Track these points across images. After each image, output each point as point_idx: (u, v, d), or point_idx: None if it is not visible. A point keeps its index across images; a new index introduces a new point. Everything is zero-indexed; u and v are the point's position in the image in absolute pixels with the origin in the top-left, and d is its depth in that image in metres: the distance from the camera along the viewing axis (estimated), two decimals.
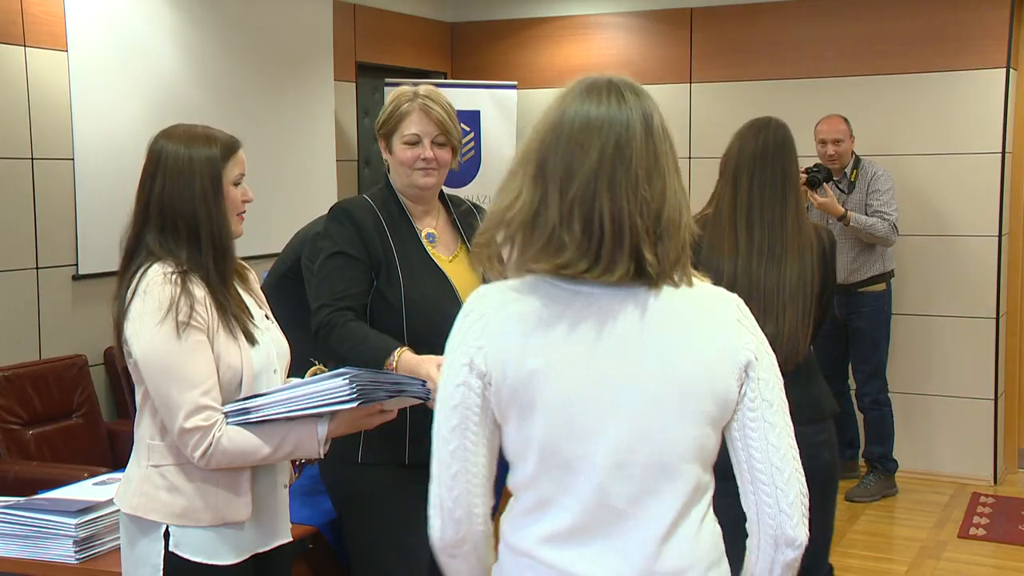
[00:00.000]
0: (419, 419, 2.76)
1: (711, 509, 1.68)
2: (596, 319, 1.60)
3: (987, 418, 6.22)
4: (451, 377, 1.64)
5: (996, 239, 6.18)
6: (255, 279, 2.54)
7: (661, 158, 1.61)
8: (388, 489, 2.80)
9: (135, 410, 2.39)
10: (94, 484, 2.91)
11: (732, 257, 2.98)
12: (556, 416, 1.59)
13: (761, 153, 3.04)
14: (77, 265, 4.94)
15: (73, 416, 4.75)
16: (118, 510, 2.73)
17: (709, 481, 1.67)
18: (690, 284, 1.65)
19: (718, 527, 1.70)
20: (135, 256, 2.32)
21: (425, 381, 2.46)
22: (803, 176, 5.68)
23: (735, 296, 1.71)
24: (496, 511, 1.75)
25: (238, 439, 2.25)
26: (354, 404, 2.25)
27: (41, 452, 4.53)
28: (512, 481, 1.68)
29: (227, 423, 2.26)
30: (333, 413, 2.30)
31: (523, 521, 1.65)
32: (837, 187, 5.78)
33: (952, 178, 6.24)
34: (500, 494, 1.82)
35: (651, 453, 1.60)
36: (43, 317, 4.84)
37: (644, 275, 1.59)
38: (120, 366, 2.35)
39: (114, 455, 4.75)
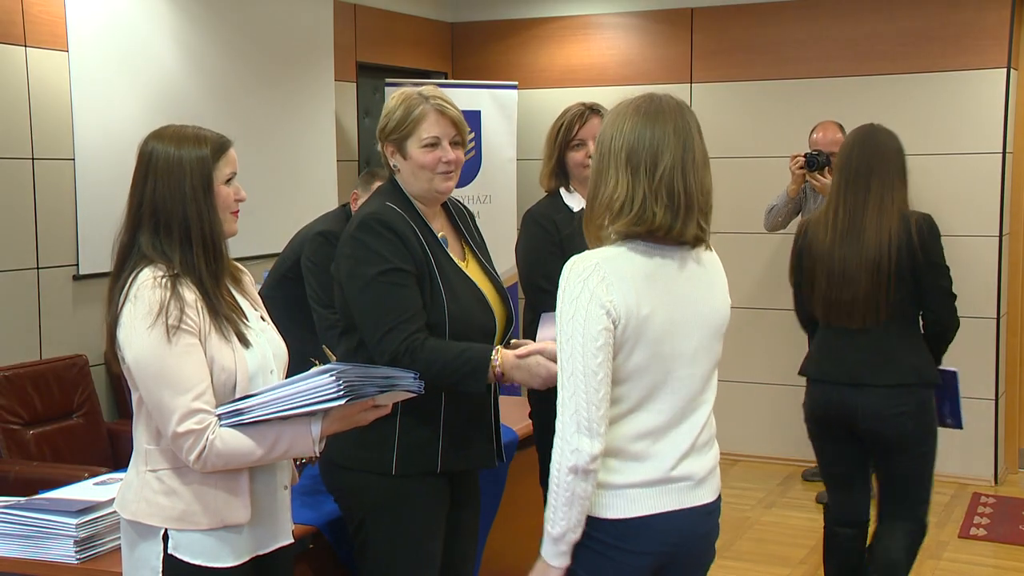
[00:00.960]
0: (451, 428, 2.75)
1: None
2: (673, 271, 2.25)
3: (988, 418, 6.22)
4: (594, 324, 2.15)
5: (997, 239, 6.17)
6: (250, 281, 2.53)
7: (706, 156, 2.27)
8: (418, 498, 2.77)
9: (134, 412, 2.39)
10: (95, 484, 2.91)
11: (824, 237, 3.69)
12: (657, 345, 2.21)
13: (850, 152, 3.72)
14: (78, 265, 4.94)
15: (74, 416, 4.75)
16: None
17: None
18: (709, 249, 2.33)
19: None
20: (128, 259, 2.32)
21: (418, 374, 2.42)
22: (802, 159, 5.72)
23: None
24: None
25: (232, 441, 2.24)
26: (342, 401, 2.23)
27: (42, 452, 4.53)
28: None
29: (220, 425, 2.25)
30: (326, 411, 2.29)
31: (611, 428, 2.20)
32: None
33: (953, 178, 6.23)
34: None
35: (706, 364, 2.30)
36: (44, 317, 4.84)
37: (701, 235, 2.26)
38: (115, 370, 2.36)
39: (115, 455, 4.74)
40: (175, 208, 2.29)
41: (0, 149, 4.67)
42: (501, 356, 2.60)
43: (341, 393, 2.22)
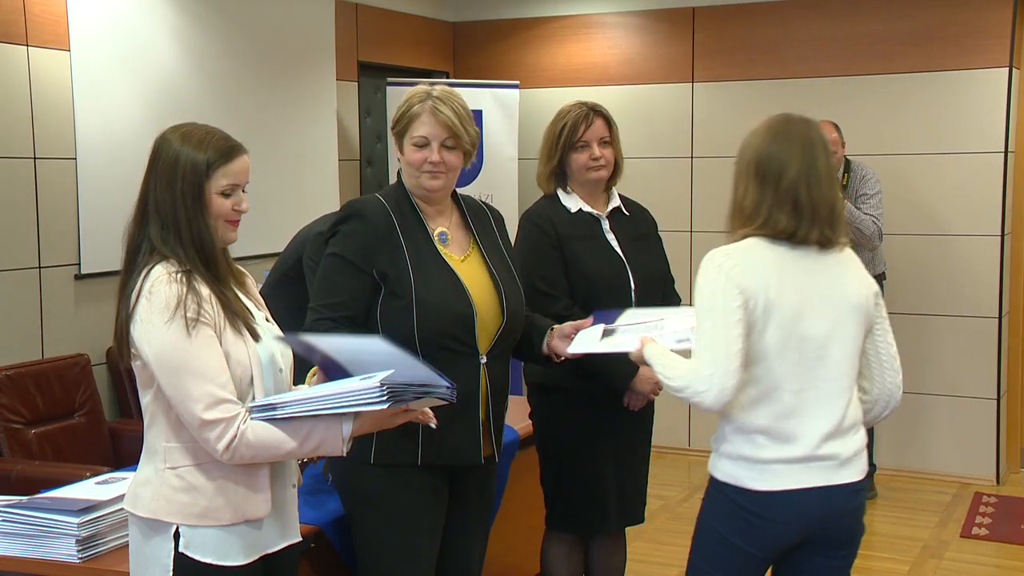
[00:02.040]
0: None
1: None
2: (801, 260, 2.54)
3: (989, 418, 6.21)
4: (731, 301, 2.47)
5: (998, 239, 6.17)
6: (252, 283, 2.53)
7: (832, 171, 2.58)
8: (398, 490, 2.79)
9: (137, 410, 2.39)
10: (96, 483, 2.91)
11: None
12: (789, 326, 2.49)
13: None
14: (79, 264, 4.95)
15: (75, 415, 4.75)
16: (121, 509, 2.74)
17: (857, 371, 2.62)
18: (843, 249, 2.61)
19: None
20: (138, 254, 2.31)
21: (452, 383, 2.39)
22: None
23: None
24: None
25: (263, 433, 2.24)
26: (384, 406, 2.22)
27: (44, 451, 4.53)
28: (745, 377, 2.50)
29: (252, 418, 2.25)
30: (358, 412, 2.28)
31: (754, 407, 2.52)
32: None
33: (954, 178, 6.23)
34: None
35: (844, 348, 2.55)
36: (45, 316, 4.84)
37: (825, 242, 2.56)
38: (124, 367, 2.33)
39: (116, 454, 4.74)
40: (167, 207, 2.29)
41: (2, 148, 4.67)
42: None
43: (385, 398, 2.21)
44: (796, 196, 2.51)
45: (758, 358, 2.49)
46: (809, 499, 2.50)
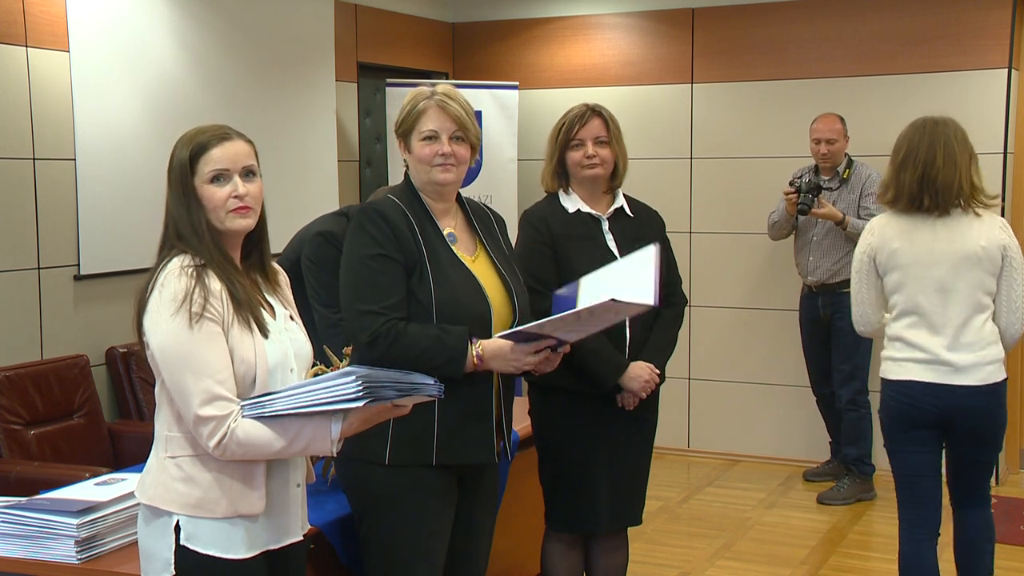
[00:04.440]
0: (447, 420, 2.77)
1: (990, 319, 3.59)
2: (923, 224, 3.56)
3: None
4: (863, 263, 3.65)
5: None
6: (286, 282, 2.56)
7: (953, 156, 3.53)
8: (412, 490, 2.79)
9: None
10: (96, 484, 2.91)
11: None
12: (908, 269, 3.56)
13: None
14: (79, 265, 4.95)
15: (75, 416, 4.75)
16: (120, 510, 2.75)
17: (988, 304, 3.58)
18: (977, 215, 3.59)
19: (996, 328, 3.61)
20: (162, 251, 2.38)
21: (436, 380, 2.39)
22: (794, 196, 5.67)
23: (1004, 220, 3.66)
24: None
25: (253, 431, 2.25)
26: (360, 403, 2.23)
27: (43, 452, 4.53)
28: (891, 302, 3.64)
29: (243, 416, 2.26)
30: (346, 411, 2.29)
31: (895, 321, 3.62)
32: (826, 187, 5.80)
33: None
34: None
35: (958, 286, 3.52)
36: (45, 317, 4.84)
37: (942, 209, 3.54)
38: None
39: (116, 455, 4.74)
40: (172, 207, 2.37)
41: (1, 149, 4.67)
42: (482, 347, 2.71)
43: (360, 394, 2.22)
44: (922, 175, 3.49)
45: (894, 290, 3.59)
46: (928, 390, 3.52)
